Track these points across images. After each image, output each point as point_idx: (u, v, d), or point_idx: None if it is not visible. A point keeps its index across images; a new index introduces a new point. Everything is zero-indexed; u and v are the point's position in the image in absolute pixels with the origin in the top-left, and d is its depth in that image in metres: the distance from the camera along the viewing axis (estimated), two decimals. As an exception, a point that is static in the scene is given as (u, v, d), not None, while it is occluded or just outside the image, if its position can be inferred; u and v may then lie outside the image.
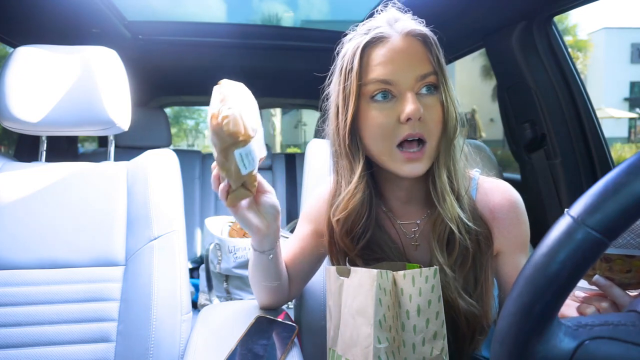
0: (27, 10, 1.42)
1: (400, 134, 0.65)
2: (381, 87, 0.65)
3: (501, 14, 1.32)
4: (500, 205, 0.73)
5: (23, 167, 1.01)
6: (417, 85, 0.65)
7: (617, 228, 0.32)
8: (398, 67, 0.65)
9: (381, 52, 0.66)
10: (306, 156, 1.10)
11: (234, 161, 0.60)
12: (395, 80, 0.64)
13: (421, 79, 0.65)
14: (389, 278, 0.61)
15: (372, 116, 0.66)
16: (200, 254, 2.11)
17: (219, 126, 0.57)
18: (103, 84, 1.03)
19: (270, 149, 2.66)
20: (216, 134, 0.58)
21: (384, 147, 0.67)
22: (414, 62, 0.65)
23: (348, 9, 1.89)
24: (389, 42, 0.66)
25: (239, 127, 0.57)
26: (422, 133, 0.65)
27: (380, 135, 0.66)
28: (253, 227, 0.68)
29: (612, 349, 0.34)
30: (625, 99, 19.11)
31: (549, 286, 0.33)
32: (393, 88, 0.65)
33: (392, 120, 0.65)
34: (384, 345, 0.58)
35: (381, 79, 0.65)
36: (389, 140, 0.66)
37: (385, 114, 0.65)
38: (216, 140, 0.59)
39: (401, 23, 0.67)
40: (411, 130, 0.64)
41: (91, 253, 0.91)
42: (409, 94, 0.64)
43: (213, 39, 1.89)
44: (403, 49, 0.65)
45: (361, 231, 0.72)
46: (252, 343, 0.74)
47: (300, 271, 0.85)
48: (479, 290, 0.70)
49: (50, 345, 0.83)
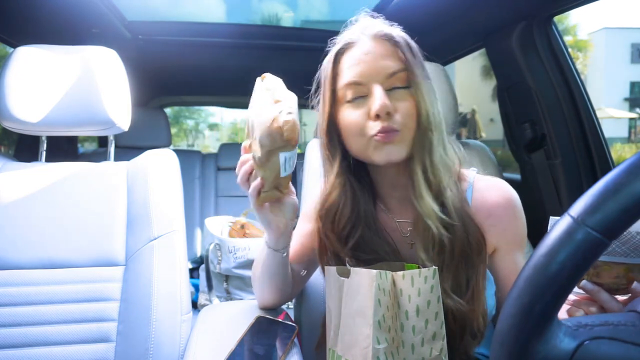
0: (27, 10, 1.42)
1: (372, 129, 0.67)
2: (352, 89, 0.69)
3: (501, 14, 1.32)
4: (497, 202, 0.74)
5: (23, 167, 1.01)
6: (386, 82, 0.68)
7: (617, 228, 0.32)
8: (366, 67, 0.68)
9: (351, 56, 0.70)
10: (306, 156, 1.10)
11: (277, 163, 0.61)
12: (364, 81, 0.68)
13: (390, 76, 0.67)
14: (388, 278, 0.61)
15: (347, 116, 0.70)
16: (200, 254, 2.11)
17: (279, 130, 0.58)
18: (103, 84, 1.03)
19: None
20: (271, 136, 0.59)
21: (361, 143, 0.70)
22: (381, 61, 0.68)
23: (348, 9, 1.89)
24: (358, 46, 0.70)
25: (296, 133, 0.59)
26: (393, 126, 0.67)
27: (355, 134, 0.69)
28: (273, 226, 0.72)
29: (612, 349, 0.34)
30: (625, 99, 19.10)
31: (549, 286, 0.33)
32: (363, 88, 0.68)
33: (364, 118, 0.68)
34: (383, 345, 0.58)
35: (351, 81, 0.68)
36: (364, 137, 0.69)
37: (357, 113, 0.69)
38: (268, 141, 0.59)
39: (369, 28, 0.71)
40: (382, 125, 0.66)
41: (91, 253, 0.91)
42: (377, 91, 0.66)
43: (213, 39, 1.89)
44: (370, 50, 0.69)
45: (349, 229, 0.74)
46: (252, 343, 0.74)
47: (299, 269, 0.85)
48: (471, 291, 0.70)
49: (50, 346, 0.83)
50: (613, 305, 0.53)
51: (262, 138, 0.60)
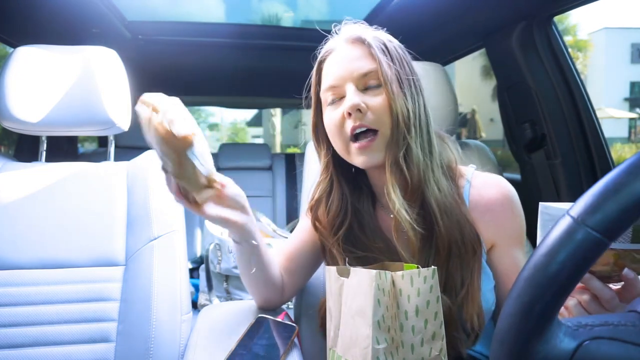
0: (27, 10, 1.42)
1: (348, 127, 0.70)
2: (330, 91, 0.73)
3: (501, 14, 1.32)
4: (494, 198, 0.74)
5: (23, 167, 1.01)
6: (360, 82, 0.71)
7: (617, 228, 0.32)
8: (340, 70, 0.72)
9: (329, 62, 0.75)
10: (306, 156, 1.10)
11: (190, 165, 0.58)
12: (339, 83, 0.72)
13: (363, 76, 0.71)
14: (387, 278, 0.61)
15: (327, 118, 0.75)
16: (200, 254, 2.11)
17: (169, 134, 0.55)
18: (103, 84, 1.03)
19: (270, 149, 2.66)
20: (167, 142, 0.56)
21: (341, 143, 0.73)
22: (354, 62, 0.71)
23: (348, 9, 1.89)
24: (335, 52, 0.75)
25: (184, 127, 0.56)
26: (367, 124, 0.69)
27: (334, 133, 0.73)
28: (230, 222, 0.69)
29: (612, 349, 0.34)
30: (625, 99, 19.10)
31: (549, 286, 0.33)
32: (340, 90, 0.72)
33: (340, 117, 0.71)
34: (383, 345, 0.58)
35: (328, 85, 0.73)
36: (342, 136, 0.72)
37: (335, 113, 0.72)
38: (168, 149, 0.57)
39: (346, 33, 0.75)
40: (354, 123, 0.69)
41: (91, 253, 0.91)
42: (349, 90, 0.70)
43: (213, 39, 1.89)
44: (345, 54, 0.73)
45: (339, 222, 0.77)
46: (252, 343, 0.74)
47: (299, 266, 0.85)
48: (465, 290, 0.70)
49: (50, 345, 0.83)
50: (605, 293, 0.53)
51: (162, 149, 0.57)
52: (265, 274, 0.79)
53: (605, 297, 0.52)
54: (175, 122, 0.56)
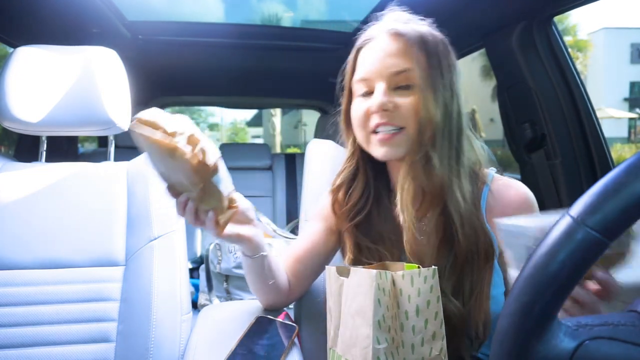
0: (27, 10, 1.42)
1: (372, 122, 0.71)
2: (361, 84, 0.73)
3: (501, 14, 1.32)
4: (512, 200, 0.74)
5: (23, 167, 1.01)
6: (392, 80, 0.70)
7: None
8: (375, 64, 0.71)
9: (366, 52, 0.74)
10: (306, 156, 1.10)
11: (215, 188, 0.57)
12: (371, 77, 0.71)
13: (396, 75, 0.70)
14: (387, 278, 0.61)
15: (354, 109, 0.75)
16: (200, 254, 2.11)
17: (202, 163, 0.53)
18: (103, 84, 1.03)
19: (270, 149, 2.66)
20: (198, 172, 0.54)
21: (362, 135, 0.74)
22: (390, 59, 0.70)
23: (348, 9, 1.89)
24: (374, 43, 0.73)
25: (214, 154, 0.54)
26: (392, 122, 0.69)
27: (357, 125, 0.74)
28: (244, 238, 0.70)
29: (612, 349, 0.34)
30: (625, 99, 19.10)
31: (549, 286, 0.33)
32: (371, 83, 0.72)
33: (364, 111, 0.72)
34: (383, 345, 0.58)
35: (361, 77, 0.73)
36: (364, 129, 0.73)
37: (362, 105, 0.72)
38: (197, 179, 0.55)
39: (389, 24, 0.73)
40: (379, 120, 0.69)
41: (91, 253, 0.91)
42: (380, 87, 0.70)
43: (213, 39, 1.89)
44: (383, 47, 0.71)
45: (359, 207, 0.78)
46: (252, 343, 0.74)
47: (308, 267, 0.85)
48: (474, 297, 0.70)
49: (50, 345, 0.83)
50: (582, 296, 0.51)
51: (190, 178, 0.55)
52: (274, 280, 0.79)
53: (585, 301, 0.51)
54: (207, 152, 0.53)
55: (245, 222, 0.70)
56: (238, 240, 0.70)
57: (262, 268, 0.75)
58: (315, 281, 0.94)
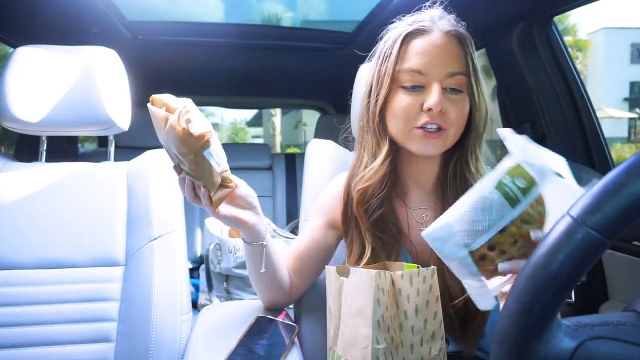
0: (28, 10, 1.42)
1: (420, 120, 0.70)
2: (413, 76, 0.70)
3: (501, 14, 1.32)
4: None
5: (23, 167, 1.01)
6: (445, 80, 0.70)
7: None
8: (432, 60, 0.70)
9: (420, 44, 0.71)
10: (306, 156, 1.10)
11: (207, 163, 0.60)
12: (426, 72, 0.70)
13: (451, 76, 0.70)
14: (387, 278, 0.61)
15: (399, 99, 0.72)
16: (200, 254, 2.11)
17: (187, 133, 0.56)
18: (103, 84, 1.03)
19: (270, 149, 2.66)
20: (185, 141, 0.57)
21: (405, 128, 0.72)
22: (447, 58, 0.70)
23: (348, 9, 1.89)
24: (429, 36, 0.71)
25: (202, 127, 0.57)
26: (441, 123, 0.70)
27: (402, 118, 0.72)
28: (241, 222, 0.71)
29: (612, 349, 0.34)
30: (625, 99, 19.09)
31: (548, 286, 0.33)
32: (423, 79, 0.70)
33: (416, 107, 0.70)
34: (383, 345, 0.58)
35: (414, 68, 0.70)
36: (409, 124, 0.71)
37: (410, 99, 0.71)
38: (185, 149, 0.58)
39: (443, 21, 0.73)
40: (430, 119, 0.69)
41: (91, 253, 0.91)
42: (436, 86, 0.69)
43: (213, 39, 1.88)
44: (440, 44, 0.70)
45: (376, 204, 0.76)
46: (252, 343, 0.74)
47: (309, 265, 0.85)
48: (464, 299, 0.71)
49: (50, 345, 0.83)
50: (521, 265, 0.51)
51: (179, 148, 0.59)
52: (273, 275, 0.79)
53: None
54: (193, 121, 0.57)
55: (246, 207, 0.71)
56: (236, 223, 0.71)
57: (260, 257, 0.75)
58: (315, 281, 0.94)
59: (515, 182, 0.51)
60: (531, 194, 0.51)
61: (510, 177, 0.51)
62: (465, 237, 0.51)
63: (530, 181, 0.50)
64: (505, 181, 0.51)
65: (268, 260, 0.76)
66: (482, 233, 0.51)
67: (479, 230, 0.51)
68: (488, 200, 0.51)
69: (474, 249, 0.51)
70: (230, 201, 0.70)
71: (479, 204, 0.51)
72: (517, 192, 0.51)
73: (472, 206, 0.51)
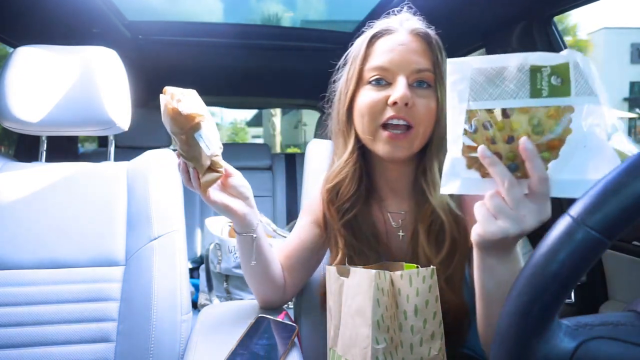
0: (28, 10, 1.42)
1: (386, 115, 0.70)
2: (378, 72, 0.71)
3: (501, 14, 1.32)
4: None
5: (23, 167, 1.01)
6: (411, 76, 0.70)
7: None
8: (397, 56, 0.70)
9: (385, 42, 0.72)
10: (306, 156, 1.10)
11: (197, 145, 0.63)
12: (392, 67, 0.70)
13: (416, 72, 0.70)
14: (386, 278, 0.61)
15: (365, 96, 0.72)
16: (200, 254, 2.11)
17: (177, 111, 0.60)
18: (103, 84, 1.03)
19: (270, 149, 2.66)
20: (175, 120, 0.61)
21: (370, 126, 0.71)
22: (413, 55, 0.70)
23: (347, 9, 1.89)
24: (394, 35, 0.72)
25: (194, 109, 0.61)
26: (407, 118, 0.69)
27: (367, 114, 0.71)
28: (231, 210, 0.71)
29: (612, 349, 0.34)
30: (625, 99, 19.09)
31: (548, 286, 0.33)
32: (388, 74, 0.70)
33: (382, 102, 0.70)
34: (382, 345, 0.58)
35: (379, 65, 0.71)
36: (374, 121, 0.71)
37: (376, 94, 0.71)
38: (176, 128, 0.62)
39: (409, 22, 0.74)
40: (396, 113, 0.68)
41: (91, 253, 0.91)
42: (401, 81, 0.68)
43: (213, 39, 1.88)
44: (405, 42, 0.71)
45: (348, 205, 0.77)
46: (252, 343, 0.74)
47: (299, 263, 0.85)
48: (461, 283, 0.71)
49: (50, 345, 0.83)
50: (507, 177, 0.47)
51: (171, 127, 0.63)
52: (265, 269, 0.79)
53: (505, 184, 0.47)
54: (183, 102, 0.61)
55: (238, 197, 0.72)
56: (226, 211, 0.71)
57: (250, 249, 0.75)
58: (315, 281, 0.94)
59: (551, 77, 0.45)
60: (556, 100, 0.45)
61: (550, 69, 0.45)
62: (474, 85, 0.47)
63: (565, 89, 0.45)
64: (543, 69, 0.45)
65: (259, 253, 0.76)
66: (488, 96, 0.47)
67: (489, 91, 0.47)
68: (514, 74, 0.46)
69: (472, 108, 0.47)
70: (223, 189, 0.71)
71: (505, 70, 0.46)
72: (546, 87, 0.45)
73: (496, 65, 0.46)
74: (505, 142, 0.48)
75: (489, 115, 0.48)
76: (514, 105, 0.46)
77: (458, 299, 0.70)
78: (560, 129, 0.46)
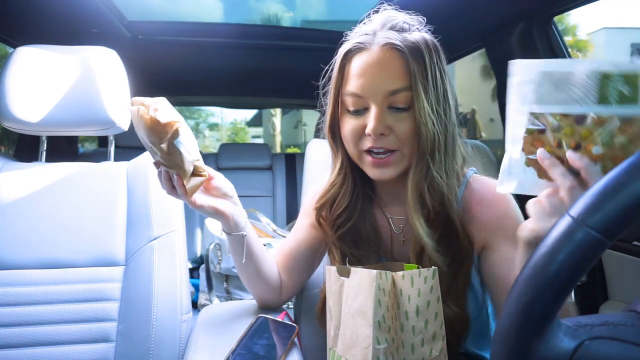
0: (27, 10, 1.41)
1: (365, 144, 0.69)
2: (354, 100, 0.69)
3: (501, 14, 1.32)
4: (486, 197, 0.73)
5: (23, 167, 1.01)
6: (385, 101, 0.67)
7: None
8: (369, 80, 0.67)
9: (358, 63, 0.68)
10: (306, 156, 1.10)
11: (178, 152, 0.63)
12: (365, 94, 0.67)
13: (391, 94, 0.66)
14: (388, 279, 0.60)
15: (346, 124, 0.71)
16: (200, 254, 2.12)
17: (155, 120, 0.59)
18: (103, 84, 1.03)
19: (270, 149, 2.66)
20: (154, 130, 0.60)
21: (354, 151, 0.72)
22: (386, 76, 0.66)
23: (347, 9, 1.89)
24: (367, 54, 0.68)
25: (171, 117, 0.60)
26: (386, 146, 0.67)
27: (350, 142, 0.71)
28: (220, 211, 0.71)
29: (612, 349, 0.34)
30: (625, 99, 19.08)
31: (548, 286, 0.33)
32: (364, 102, 0.68)
33: (360, 131, 0.69)
34: (383, 346, 0.58)
35: (353, 92, 0.68)
36: (357, 147, 0.70)
37: (355, 123, 0.69)
38: (155, 138, 0.61)
39: (382, 33, 0.68)
40: (373, 144, 0.67)
41: (91, 253, 0.91)
42: (374, 110, 0.66)
43: (213, 39, 1.88)
44: (377, 61, 0.67)
45: (342, 219, 0.76)
46: (252, 343, 0.74)
47: (297, 264, 0.85)
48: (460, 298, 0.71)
49: (50, 345, 0.83)
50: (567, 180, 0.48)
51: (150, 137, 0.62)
52: (259, 268, 0.80)
53: (566, 185, 0.48)
54: (160, 111, 0.60)
55: (222, 197, 0.72)
56: (215, 213, 0.71)
57: (241, 247, 0.75)
58: (315, 281, 0.94)
59: (620, 86, 0.44)
60: (623, 109, 0.44)
61: (622, 78, 0.44)
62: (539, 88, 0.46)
63: (634, 97, 0.44)
64: (614, 77, 0.44)
65: (249, 251, 0.76)
66: (553, 100, 0.46)
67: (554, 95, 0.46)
68: (581, 79, 0.45)
69: (536, 111, 0.47)
70: (207, 193, 0.71)
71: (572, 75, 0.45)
72: (614, 95, 0.44)
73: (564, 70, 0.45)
74: (573, 149, 0.48)
75: (562, 120, 0.47)
76: (579, 111, 0.46)
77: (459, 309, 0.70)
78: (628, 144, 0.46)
